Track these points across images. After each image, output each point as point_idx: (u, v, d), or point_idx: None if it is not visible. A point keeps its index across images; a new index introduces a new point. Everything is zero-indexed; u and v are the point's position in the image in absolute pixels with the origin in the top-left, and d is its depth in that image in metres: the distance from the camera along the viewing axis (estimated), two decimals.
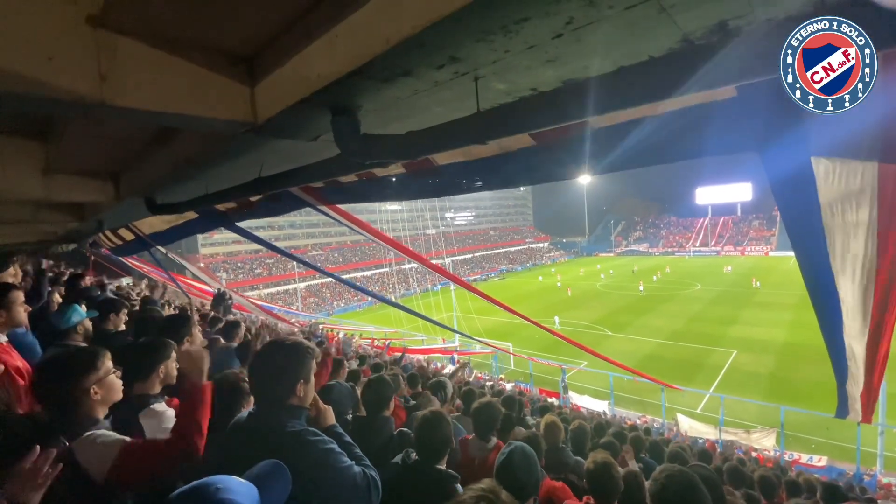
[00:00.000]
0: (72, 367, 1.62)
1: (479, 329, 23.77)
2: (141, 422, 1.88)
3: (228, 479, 0.99)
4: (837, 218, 1.95)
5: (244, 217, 5.33)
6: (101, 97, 1.49)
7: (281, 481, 1.15)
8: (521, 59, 1.20)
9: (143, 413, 1.91)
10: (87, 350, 1.73)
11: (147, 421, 1.90)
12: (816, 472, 9.59)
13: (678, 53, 1.11)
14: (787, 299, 30.22)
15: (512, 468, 1.82)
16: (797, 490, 4.49)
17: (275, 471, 1.15)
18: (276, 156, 2.51)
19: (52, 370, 1.65)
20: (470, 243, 75.58)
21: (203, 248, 52.84)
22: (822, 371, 11.16)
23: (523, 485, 1.82)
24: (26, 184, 3.26)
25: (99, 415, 1.64)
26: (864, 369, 3.10)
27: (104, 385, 1.66)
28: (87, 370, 1.63)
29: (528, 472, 1.84)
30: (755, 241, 66.49)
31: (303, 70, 1.46)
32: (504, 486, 1.78)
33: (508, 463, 1.85)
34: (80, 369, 1.62)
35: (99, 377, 1.64)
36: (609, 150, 2.10)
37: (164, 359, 2.09)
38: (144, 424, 1.88)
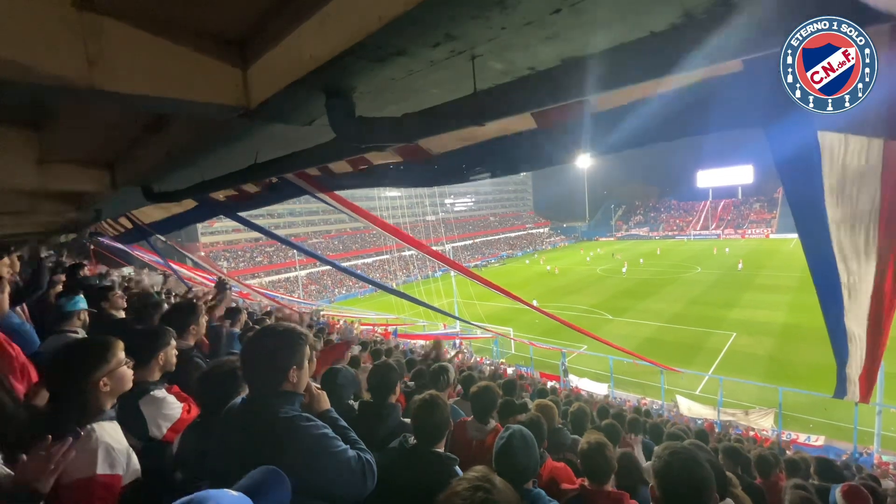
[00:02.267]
0: (82, 361, 1.61)
1: (480, 314, 23.90)
2: (141, 408, 1.90)
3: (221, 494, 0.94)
4: (841, 198, 1.92)
5: (243, 207, 5.31)
6: (91, 82, 1.46)
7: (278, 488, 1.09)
8: (519, 37, 1.16)
9: (142, 400, 1.92)
10: (98, 341, 1.70)
11: (147, 408, 1.92)
12: (814, 451, 9.72)
13: (680, 28, 1.07)
14: (788, 282, 30.28)
15: (512, 451, 1.83)
16: (796, 468, 4.55)
17: (269, 478, 1.09)
18: (272, 141, 2.47)
19: (62, 363, 1.64)
20: (470, 229, 75.51)
21: (203, 237, 52.83)
22: (821, 353, 11.26)
23: (523, 468, 1.83)
24: (21, 173, 3.23)
25: (107, 406, 1.64)
26: (865, 352, 3.11)
27: (114, 377, 1.65)
28: (97, 364, 1.61)
29: (527, 455, 1.85)
30: (756, 223, 66.31)
31: (295, 51, 1.43)
32: (503, 470, 1.81)
33: (508, 446, 1.85)
34: (90, 363, 1.61)
35: (110, 369, 1.63)
36: (610, 129, 2.07)
37: (163, 346, 2.11)
38: (144, 411, 1.90)
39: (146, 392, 1.95)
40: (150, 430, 1.89)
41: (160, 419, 1.93)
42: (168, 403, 1.99)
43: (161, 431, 1.91)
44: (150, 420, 1.90)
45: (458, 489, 1.05)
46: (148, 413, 1.91)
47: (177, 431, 1.93)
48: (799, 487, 3.02)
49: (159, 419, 1.93)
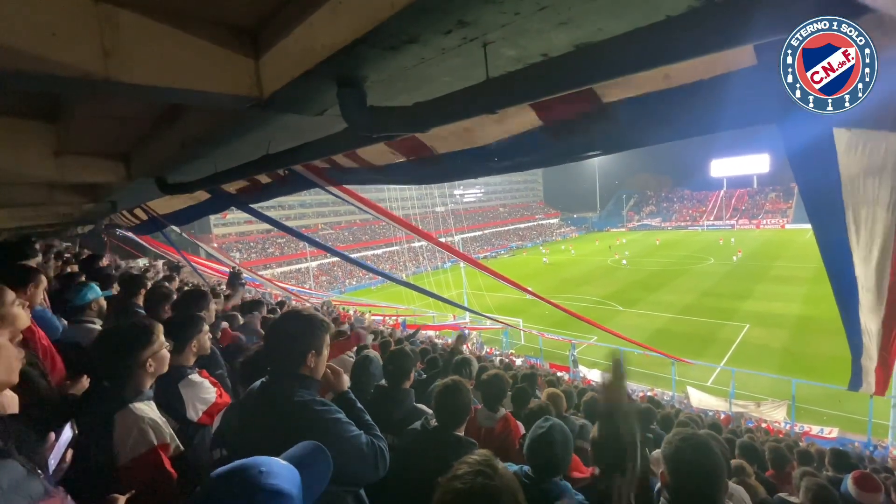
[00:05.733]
0: (132, 341, 1.68)
1: (490, 305, 23.90)
2: (181, 391, 1.99)
3: (272, 461, 0.94)
4: (858, 193, 1.88)
5: (254, 199, 5.36)
6: (107, 73, 1.48)
7: (322, 464, 1.10)
8: (533, 22, 1.15)
9: (181, 383, 2.01)
10: (144, 324, 1.78)
11: (186, 390, 2.01)
12: (827, 443, 9.63)
13: (696, 12, 1.05)
14: (804, 273, 29.75)
15: (551, 442, 1.83)
16: (808, 459, 4.52)
17: (315, 453, 1.10)
18: (284, 132, 2.49)
19: (111, 343, 1.71)
20: (479, 220, 75.22)
21: (216, 229, 53.48)
22: (835, 344, 11.08)
23: (559, 460, 1.84)
24: (39, 165, 3.30)
25: (147, 386, 1.71)
26: (880, 345, 3.07)
27: (157, 358, 1.73)
28: (145, 343, 1.69)
29: (564, 449, 1.86)
30: (771, 213, 65.01)
31: (306, 41, 1.43)
32: (538, 460, 1.82)
33: (549, 437, 1.84)
34: (139, 342, 1.68)
35: (154, 350, 1.71)
36: (620, 127, 2.03)
37: (197, 332, 2.20)
38: (184, 393, 1.99)
39: (184, 376, 2.04)
40: (187, 413, 1.96)
41: (197, 402, 2.01)
42: (204, 387, 2.08)
43: (197, 414, 1.99)
44: (188, 402, 1.98)
45: (459, 472, 1.03)
46: (187, 395, 1.99)
47: (211, 415, 2.02)
48: (811, 475, 3.00)
49: (196, 402, 2.01)
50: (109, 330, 1.92)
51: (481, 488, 0.99)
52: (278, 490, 0.88)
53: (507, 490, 1.01)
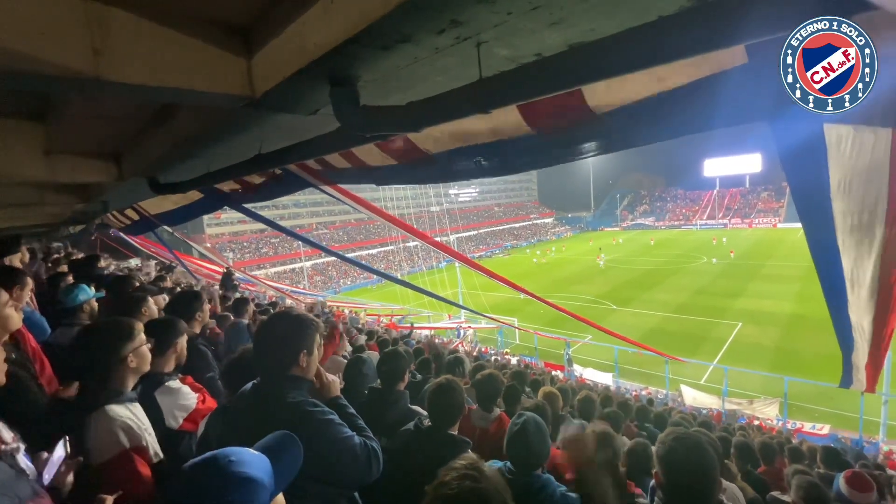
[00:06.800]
0: (112, 335, 1.67)
1: (485, 304, 23.91)
2: (157, 398, 1.91)
3: (241, 450, 0.97)
4: (849, 191, 1.90)
5: (248, 199, 5.32)
6: (97, 72, 1.46)
7: (292, 452, 1.12)
8: (526, 22, 1.15)
9: (158, 391, 1.93)
10: (124, 319, 1.76)
11: (163, 398, 1.93)
12: (819, 440, 9.73)
13: (688, 11, 1.06)
14: (795, 271, 30.03)
15: (526, 437, 1.84)
16: (799, 457, 4.56)
17: (285, 441, 1.13)
18: (277, 132, 2.47)
19: (92, 338, 1.69)
20: (474, 220, 75.28)
21: (209, 229, 53.08)
22: (827, 342, 11.17)
23: (536, 453, 1.85)
24: (28, 165, 3.26)
25: (128, 386, 1.68)
26: (871, 343, 3.10)
27: (139, 354, 1.71)
28: (126, 338, 1.68)
29: (540, 441, 1.87)
30: (763, 213, 65.58)
31: (298, 39, 1.42)
32: (516, 454, 1.83)
33: (523, 432, 1.86)
34: (120, 337, 1.67)
35: (135, 346, 1.69)
36: (612, 127, 2.04)
37: (178, 335, 2.14)
38: (160, 401, 1.91)
39: (161, 383, 1.96)
40: (166, 421, 1.90)
41: (176, 410, 1.94)
42: (183, 394, 2.00)
43: (177, 422, 1.93)
44: (166, 411, 1.90)
45: (447, 478, 1.04)
46: (164, 403, 1.91)
47: (193, 422, 1.95)
48: (802, 473, 3.03)
49: (175, 410, 1.94)
50: (90, 326, 1.88)
51: (470, 492, 1.00)
52: (248, 477, 0.90)
53: (495, 492, 1.03)
